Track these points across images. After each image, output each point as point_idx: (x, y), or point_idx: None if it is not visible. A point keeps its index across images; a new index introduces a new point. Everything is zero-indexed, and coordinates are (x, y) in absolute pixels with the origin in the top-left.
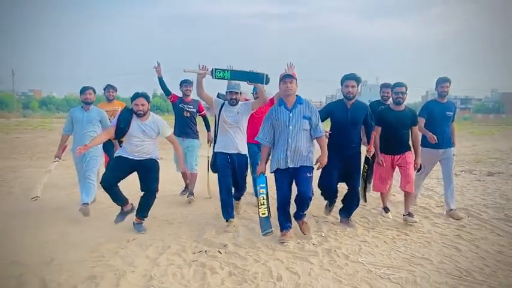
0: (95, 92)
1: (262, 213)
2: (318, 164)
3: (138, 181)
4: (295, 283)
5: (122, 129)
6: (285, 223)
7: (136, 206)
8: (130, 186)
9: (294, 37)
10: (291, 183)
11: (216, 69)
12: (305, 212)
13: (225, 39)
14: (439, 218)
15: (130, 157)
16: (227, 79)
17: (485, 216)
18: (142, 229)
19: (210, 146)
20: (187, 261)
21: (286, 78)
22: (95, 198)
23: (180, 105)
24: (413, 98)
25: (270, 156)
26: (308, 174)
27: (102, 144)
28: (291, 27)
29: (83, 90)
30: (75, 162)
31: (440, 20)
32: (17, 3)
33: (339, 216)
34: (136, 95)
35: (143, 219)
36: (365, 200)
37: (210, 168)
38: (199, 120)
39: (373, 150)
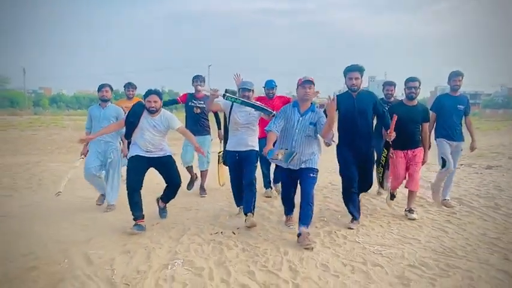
0: (112, 90)
1: (281, 155)
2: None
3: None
4: (299, 257)
5: (131, 123)
6: (289, 210)
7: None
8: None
9: (299, 34)
10: (295, 180)
11: (227, 95)
12: (309, 223)
13: (227, 36)
14: (432, 206)
15: (146, 155)
16: (237, 103)
17: (476, 204)
18: (165, 215)
19: (221, 142)
20: (206, 240)
21: (306, 83)
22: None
23: (190, 102)
24: (422, 94)
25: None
26: (311, 175)
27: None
28: (297, 24)
29: (100, 88)
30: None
31: (448, 15)
32: (27, 1)
33: (340, 204)
34: (149, 92)
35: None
36: (384, 187)
37: (222, 162)
38: (211, 117)
39: (393, 134)
